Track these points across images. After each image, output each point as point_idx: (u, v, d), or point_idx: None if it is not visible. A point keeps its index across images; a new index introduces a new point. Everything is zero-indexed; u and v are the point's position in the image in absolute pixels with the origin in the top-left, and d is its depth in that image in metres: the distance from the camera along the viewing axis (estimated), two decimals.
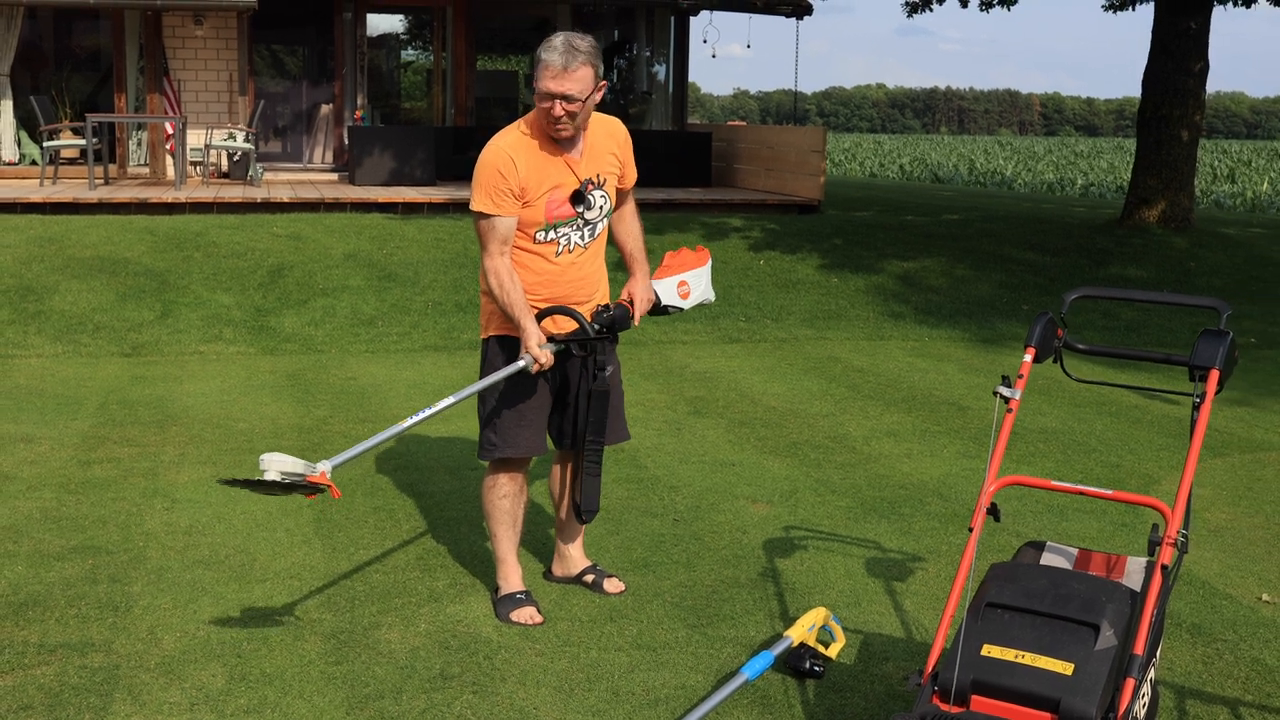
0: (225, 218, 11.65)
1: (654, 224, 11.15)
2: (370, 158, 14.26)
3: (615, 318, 4.06)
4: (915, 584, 4.49)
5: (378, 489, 5.52)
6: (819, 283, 11.10)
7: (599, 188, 4.01)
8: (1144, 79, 13.48)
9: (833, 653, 3.80)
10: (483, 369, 4.13)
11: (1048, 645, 2.75)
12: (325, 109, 17.77)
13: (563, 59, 3.75)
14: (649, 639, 3.97)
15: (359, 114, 15.92)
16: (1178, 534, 2.93)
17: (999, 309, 10.69)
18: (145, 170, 15.11)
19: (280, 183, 14.33)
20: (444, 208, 12.80)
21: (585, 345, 3.99)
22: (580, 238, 4.02)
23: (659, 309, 4.28)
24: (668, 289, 4.29)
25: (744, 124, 20.59)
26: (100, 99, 16.45)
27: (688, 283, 4.35)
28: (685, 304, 4.35)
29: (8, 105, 14.62)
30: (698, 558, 4.72)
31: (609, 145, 4.05)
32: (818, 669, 3.67)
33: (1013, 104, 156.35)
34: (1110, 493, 3.10)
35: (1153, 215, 13.41)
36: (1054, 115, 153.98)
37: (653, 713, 3.49)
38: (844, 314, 10.38)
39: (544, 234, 3.96)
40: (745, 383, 7.98)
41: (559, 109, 3.78)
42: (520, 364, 3.88)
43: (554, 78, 3.75)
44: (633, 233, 4.25)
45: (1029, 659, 2.73)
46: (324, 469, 3.40)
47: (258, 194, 12.56)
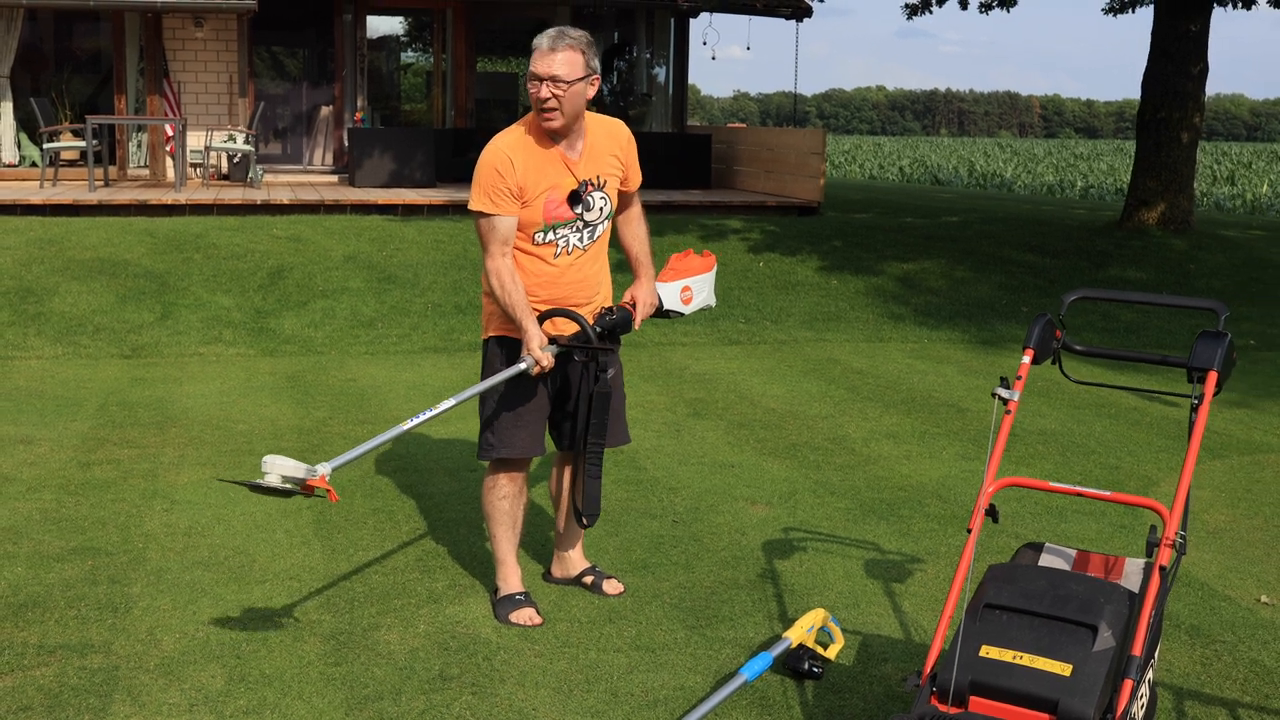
0: (225, 219, 11.66)
1: (653, 225, 11.09)
2: (370, 160, 14.27)
3: (617, 321, 4.05)
4: (914, 585, 4.49)
5: (377, 490, 5.53)
6: (818, 284, 11.11)
7: (599, 189, 4.00)
8: (1144, 81, 13.48)
9: (831, 654, 3.80)
10: (484, 370, 4.13)
11: (1046, 646, 2.75)
12: (325, 111, 17.78)
13: (550, 42, 3.80)
14: (648, 640, 3.97)
15: (359, 116, 15.92)
16: (1176, 535, 2.93)
17: (998, 311, 10.69)
18: (145, 172, 15.12)
19: (280, 184, 14.33)
20: (444, 210, 12.80)
21: (586, 349, 3.99)
22: (580, 240, 4.02)
23: (660, 313, 4.26)
24: (671, 293, 4.26)
25: (744, 126, 20.59)
26: (100, 101, 16.45)
27: (691, 288, 4.31)
28: (687, 309, 4.32)
29: (8, 107, 14.63)
30: (697, 559, 4.73)
31: (610, 147, 4.05)
32: (816, 670, 3.67)
33: (1013, 106, 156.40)
34: (1108, 494, 3.10)
35: (1152, 217, 13.41)
36: (1054, 117, 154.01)
37: (651, 714, 3.49)
38: (843, 316, 10.38)
39: (542, 235, 3.96)
40: (745, 384, 7.99)
41: (545, 90, 3.79)
42: (521, 365, 3.88)
43: (541, 59, 3.79)
44: (638, 236, 4.25)
45: (1027, 660, 2.74)
46: (323, 471, 3.40)
47: (258, 196, 12.57)
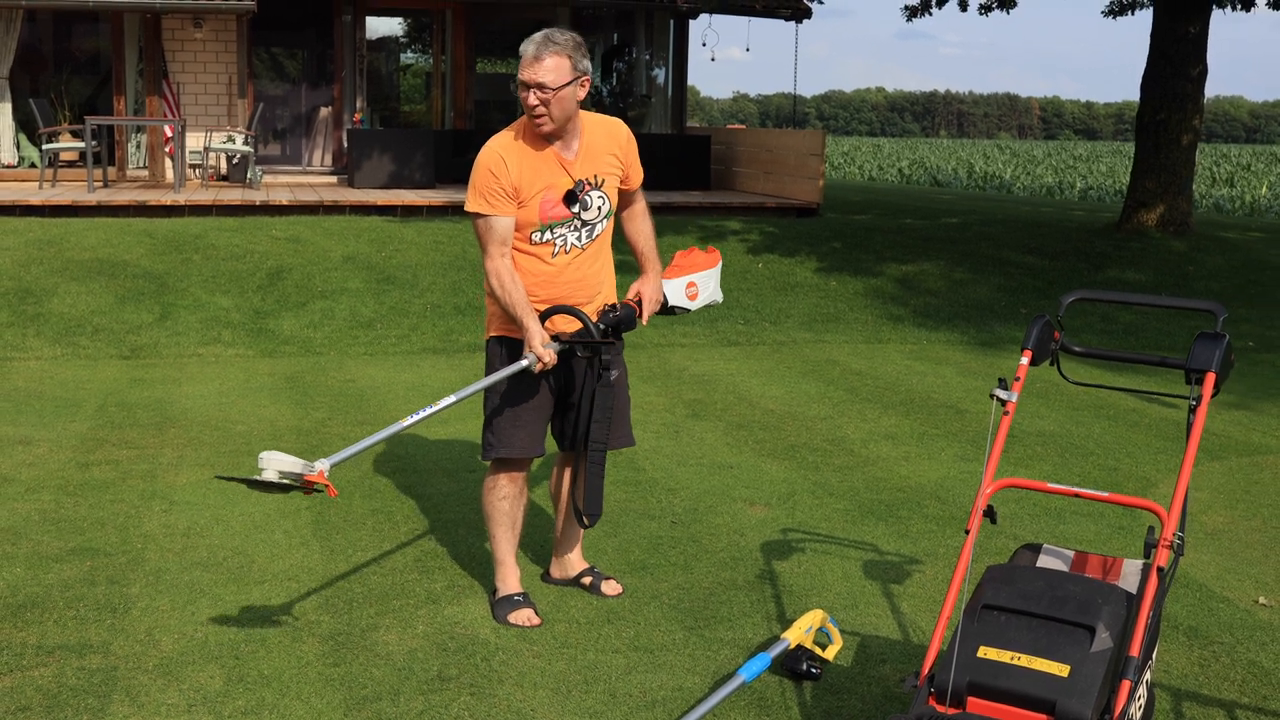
0: (224, 220, 11.67)
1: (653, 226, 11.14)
2: (369, 160, 14.27)
3: (621, 318, 4.03)
4: (912, 586, 4.49)
5: (376, 491, 5.53)
6: (817, 286, 11.11)
7: (596, 188, 4.00)
8: (1143, 83, 13.49)
9: (830, 655, 3.80)
10: (487, 370, 4.13)
11: (1044, 647, 2.75)
12: (324, 112, 17.78)
13: (535, 49, 3.81)
14: (646, 641, 3.98)
15: (358, 117, 15.93)
16: (1174, 537, 2.93)
17: (997, 312, 10.70)
18: (144, 173, 15.12)
19: (279, 185, 14.33)
20: (443, 210, 12.81)
21: (590, 346, 3.98)
22: (578, 239, 4.02)
23: (666, 309, 4.24)
24: (676, 290, 4.25)
25: (743, 127, 20.59)
26: (99, 102, 16.45)
27: (697, 284, 4.30)
28: (693, 305, 4.30)
29: (7, 108, 14.64)
30: (695, 560, 4.73)
31: (609, 146, 4.05)
32: (815, 671, 3.67)
33: (1012, 108, 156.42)
34: (1106, 495, 3.10)
35: (1151, 219, 13.42)
36: (1053, 119, 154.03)
37: (650, 714, 3.49)
38: (842, 317, 10.39)
39: (540, 235, 3.96)
40: (743, 385, 7.99)
41: (533, 98, 3.81)
42: (523, 363, 3.87)
43: (528, 66, 3.80)
44: (643, 232, 4.25)
45: (1025, 661, 2.74)
46: (322, 468, 3.40)
47: (257, 197, 12.57)
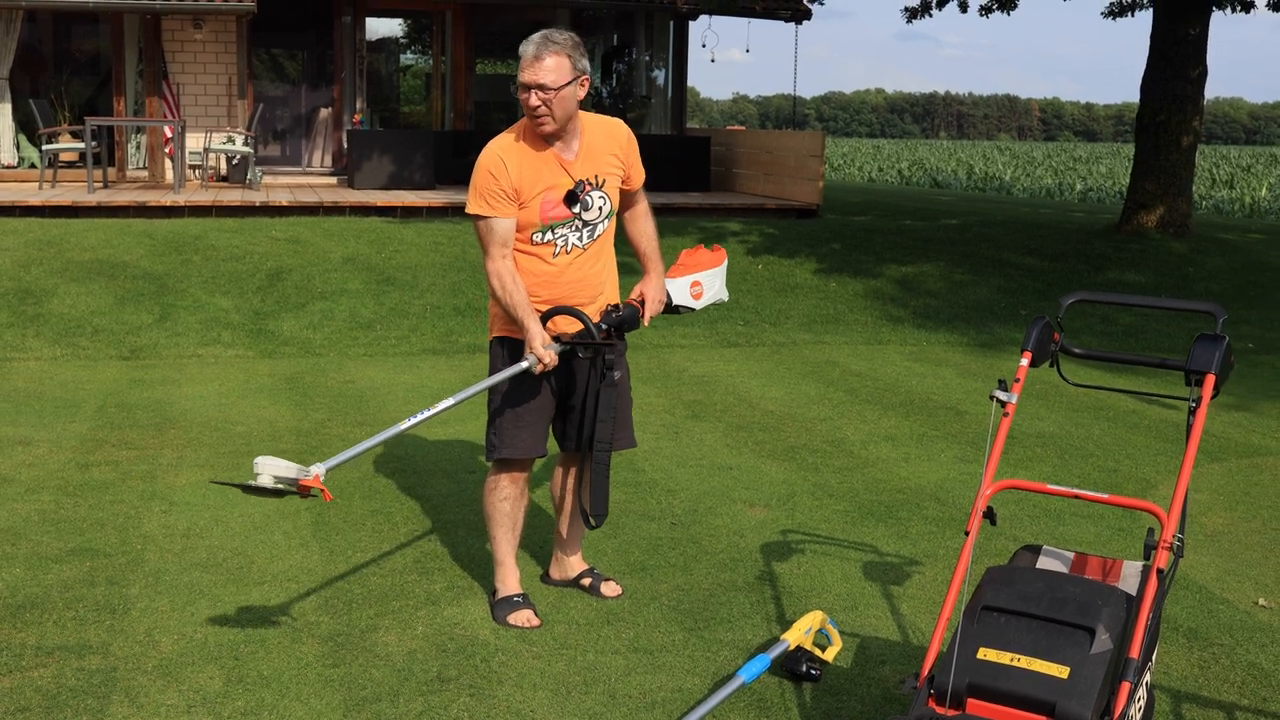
0: (224, 221, 11.67)
1: None
2: (369, 161, 14.27)
3: (624, 318, 4.02)
4: (912, 587, 4.49)
5: (375, 492, 5.53)
6: (817, 287, 11.11)
7: (597, 189, 4.00)
8: (1143, 85, 13.49)
9: (829, 656, 3.80)
10: (490, 371, 4.13)
11: (1043, 649, 2.75)
12: (324, 113, 17.78)
13: (535, 49, 3.81)
14: (646, 642, 3.97)
15: (358, 118, 15.93)
16: (1173, 538, 2.93)
17: (997, 314, 10.70)
18: (144, 174, 15.12)
19: (279, 186, 14.34)
20: (443, 211, 12.81)
21: (591, 346, 3.98)
22: (579, 239, 4.02)
23: (670, 308, 4.23)
24: (680, 289, 4.23)
25: (743, 128, 20.59)
26: (99, 102, 16.46)
27: (701, 283, 4.28)
28: (698, 304, 4.27)
29: (7, 108, 14.64)
30: (695, 561, 4.73)
31: (609, 146, 4.05)
32: (814, 672, 3.67)
33: (1012, 109, 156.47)
34: (1106, 497, 3.10)
35: (1151, 220, 13.42)
36: (1053, 120, 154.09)
37: (649, 716, 3.49)
38: (842, 318, 10.39)
39: (541, 235, 3.96)
40: (743, 387, 7.99)
41: (534, 99, 3.81)
42: (524, 364, 3.87)
43: (527, 67, 3.81)
44: (646, 232, 4.24)
45: (1025, 662, 2.74)
46: (317, 472, 3.39)
47: (256, 197, 12.57)
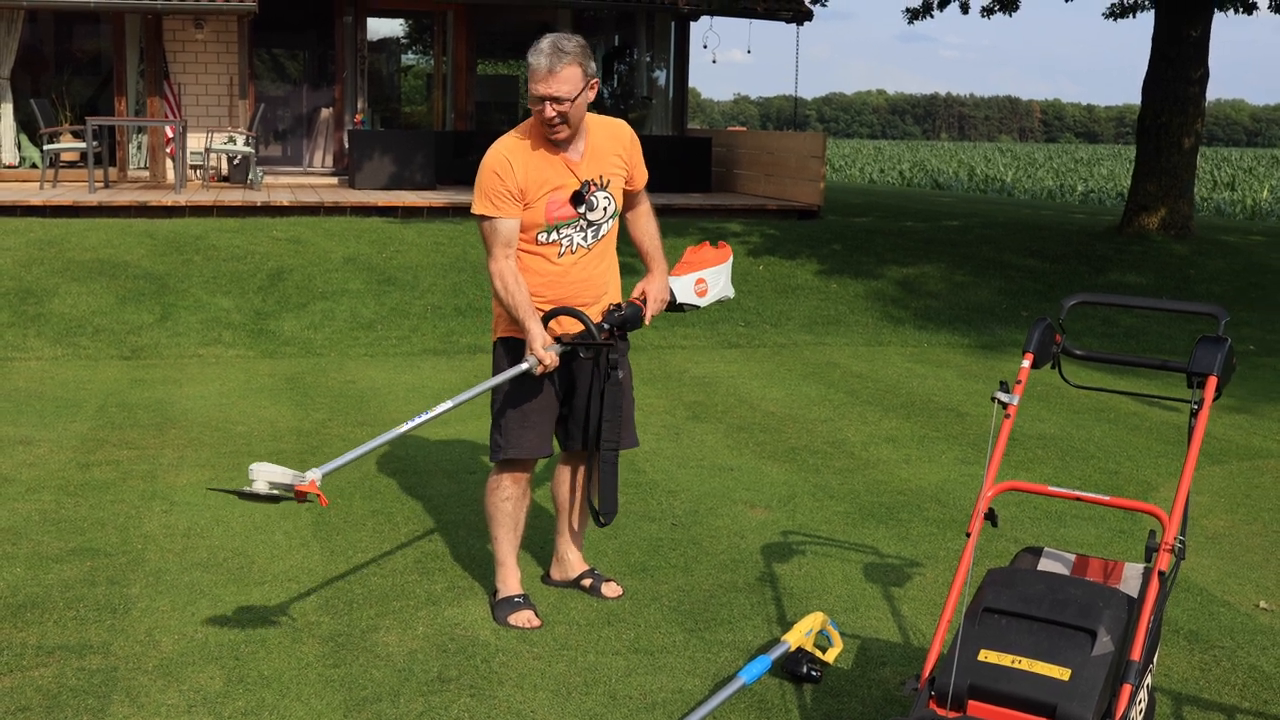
0: (225, 221, 11.67)
1: None
2: (370, 162, 14.27)
3: (626, 317, 4.01)
4: (913, 589, 4.49)
5: (376, 492, 5.53)
6: (818, 288, 11.11)
7: (602, 189, 4.01)
8: (1144, 86, 13.49)
9: (830, 657, 3.80)
10: (493, 372, 4.14)
11: (1045, 650, 2.75)
12: (325, 113, 17.78)
13: (549, 61, 3.79)
14: (646, 643, 3.97)
15: (359, 118, 15.94)
16: (1175, 540, 2.93)
17: (998, 315, 10.70)
18: (145, 174, 15.12)
19: (280, 186, 14.34)
20: (444, 212, 12.81)
21: (592, 347, 3.97)
22: (584, 239, 4.02)
23: (675, 306, 4.22)
24: (684, 286, 4.21)
25: (744, 129, 20.59)
26: (100, 102, 16.46)
27: (705, 280, 4.25)
28: (702, 302, 4.25)
29: (8, 108, 14.64)
30: (695, 562, 4.72)
31: (613, 147, 4.05)
32: (815, 674, 3.67)
33: (1013, 110, 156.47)
34: (1107, 498, 3.10)
35: (1152, 222, 13.42)
36: (1054, 122, 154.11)
37: (649, 717, 3.49)
38: (843, 319, 10.39)
39: (546, 235, 3.97)
40: (744, 388, 7.99)
41: (550, 110, 3.81)
42: (524, 366, 3.88)
43: (541, 81, 3.79)
44: (648, 231, 4.24)
45: (1026, 664, 2.73)
46: (313, 477, 3.39)
47: (257, 197, 12.57)
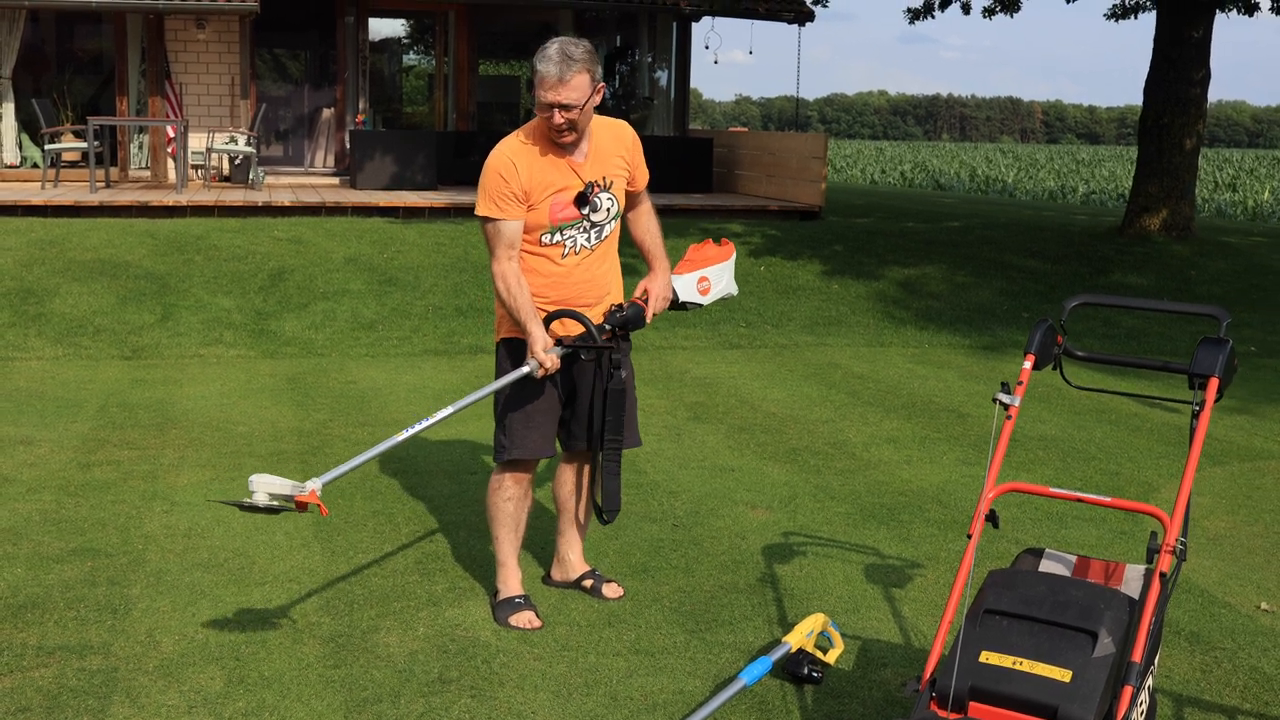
0: (226, 221, 11.67)
1: None
2: (371, 162, 14.27)
3: (628, 317, 4.00)
4: (914, 590, 4.49)
5: (377, 493, 5.52)
6: (819, 289, 11.11)
7: (605, 190, 4.02)
8: (1146, 87, 13.48)
9: (831, 659, 3.80)
10: (496, 373, 4.14)
11: (1046, 652, 2.75)
12: (327, 113, 17.79)
13: (558, 69, 3.78)
14: (647, 644, 3.97)
15: (360, 118, 15.94)
16: (1176, 542, 2.93)
17: (999, 316, 10.69)
18: (146, 173, 15.13)
19: (281, 186, 14.34)
20: (445, 212, 12.81)
21: (593, 349, 3.97)
22: (587, 240, 4.03)
23: (678, 304, 4.21)
24: (687, 285, 4.20)
25: (745, 130, 20.59)
26: (102, 102, 16.47)
27: (709, 278, 4.24)
28: (706, 300, 4.24)
29: (9, 108, 14.65)
30: (696, 563, 4.72)
31: (616, 148, 4.06)
32: (816, 675, 3.66)
33: (1014, 111, 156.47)
34: (1109, 500, 3.09)
35: (1154, 223, 13.41)
36: (1056, 123, 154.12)
37: (650, 718, 3.49)
38: (844, 320, 10.38)
39: (549, 236, 3.97)
40: (745, 388, 7.98)
41: (559, 117, 3.82)
42: (525, 369, 3.88)
43: (551, 89, 3.78)
44: (650, 231, 4.24)
45: (1027, 666, 2.73)
46: (313, 487, 3.39)
47: (259, 197, 12.57)
